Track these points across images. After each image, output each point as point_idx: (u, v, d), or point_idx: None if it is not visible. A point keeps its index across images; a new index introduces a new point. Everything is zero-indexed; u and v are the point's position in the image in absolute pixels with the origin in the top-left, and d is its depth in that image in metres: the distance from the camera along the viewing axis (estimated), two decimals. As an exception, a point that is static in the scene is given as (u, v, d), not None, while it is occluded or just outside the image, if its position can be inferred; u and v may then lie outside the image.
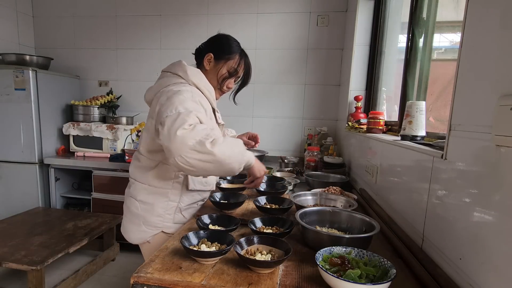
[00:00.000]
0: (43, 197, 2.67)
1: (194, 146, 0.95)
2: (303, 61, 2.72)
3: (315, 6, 2.64)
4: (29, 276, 1.74)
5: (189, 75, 1.20)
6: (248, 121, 2.87)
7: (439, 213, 0.80)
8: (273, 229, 1.01)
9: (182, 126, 0.97)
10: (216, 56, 1.26)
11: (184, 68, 1.21)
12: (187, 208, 1.27)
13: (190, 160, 0.96)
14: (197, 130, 0.98)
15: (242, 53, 1.30)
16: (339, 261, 0.73)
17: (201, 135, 0.97)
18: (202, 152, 0.96)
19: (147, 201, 1.21)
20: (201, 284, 0.72)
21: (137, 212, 1.22)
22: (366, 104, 2.23)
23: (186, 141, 0.95)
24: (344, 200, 1.23)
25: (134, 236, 1.25)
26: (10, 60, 2.60)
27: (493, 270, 0.58)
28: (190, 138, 0.96)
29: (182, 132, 0.96)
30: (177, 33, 2.85)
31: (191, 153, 0.95)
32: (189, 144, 0.95)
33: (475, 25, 0.71)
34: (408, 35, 1.53)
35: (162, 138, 1.00)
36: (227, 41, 1.29)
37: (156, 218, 1.21)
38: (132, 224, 1.24)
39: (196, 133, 0.97)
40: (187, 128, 0.97)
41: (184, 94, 1.09)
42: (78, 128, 2.72)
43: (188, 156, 0.95)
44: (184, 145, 0.95)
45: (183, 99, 1.07)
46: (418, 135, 1.14)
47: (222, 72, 1.27)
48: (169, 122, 0.99)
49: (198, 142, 0.96)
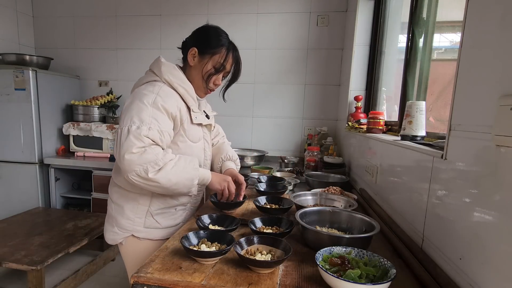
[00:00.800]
0: (43, 197, 2.67)
1: (140, 172, 0.98)
2: (303, 61, 2.72)
3: (315, 6, 2.64)
4: (29, 276, 1.74)
5: (162, 72, 1.14)
6: (248, 121, 2.87)
7: (439, 213, 0.80)
8: (273, 229, 1.01)
9: (130, 150, 0.98)
10: (201, 50, 1.17)
11: (159, 64, 1.16)
12: (160, 213, 1.20)
13: (137, 182, 1.01)
14: (145, 156, 0.99)
15: (230, 46, 1.20)
16: (339, 261, 0.73)
17: (148, 161, 0.99)
18: (147, 179, 1.00)
19: (119, 203, 1.19)
20: (201, 284, 0.72)
21: (111, 212, 1.22)
22: (366, 104, 2.23)
23: (132, 167, 0.98)
24: (344, 200, 1.23)
25: (108, 236, 1.23)
26: (10, 60, 2.60)
27: (493, 270, 0.58)
28: (136, 164, 0.98)
29: (130, 156, 0.98)
30: (177, 33, 2.84)
31: (136, 178, 1.00)
32: (135, 170, 0.98)
33: (475, 25, 0.71)
34: (408, 35, 1.53)
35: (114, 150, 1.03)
36: (212, 34, 1.19)
37: (125, 221, 1.18)
38: (108, 224, 1.24)
39: (143, 160, 0.98)
40: (135, 152, 0.98)
41: (145, 100, 1.05)
42: (78, 128, 2.72)
43: (134, 179, 1.00)
44: (131, 170, 0.99)
45: (141, 108, 1.04)
46: (418, 135, 1.14)
47: (207, 68, 1.18)
48: (121, 139, 1.01)
49: (144, 169, 0.98)
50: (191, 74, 1.20)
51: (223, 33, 1.21)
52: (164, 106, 1.07)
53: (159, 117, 1.06)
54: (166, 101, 1.08)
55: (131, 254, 1.21)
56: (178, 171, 1.04)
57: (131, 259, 1.22)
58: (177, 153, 1.14)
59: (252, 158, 2.39)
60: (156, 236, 1.20)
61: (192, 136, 1.20)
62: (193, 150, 1.21)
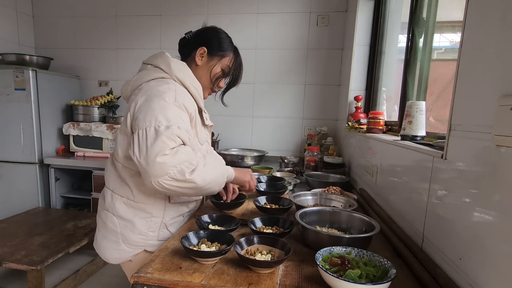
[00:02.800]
0: (43, 197, 2.67)
1: (175, 175, 0.89)
2: (303, 61, 2.72)
3: (315, 6, 2.64)
4: (29, 276, 1.74)
5: (173, 69, 1.05)
6: (248, 121, 2.87)
7: (439, 213, 0.80)
8: (273, 229, 1.01)
9: (163, 151, 0.88)
10: (210, 51, 1.13)
11: (167, 61, 1.07)
12: (172, 222, 1.13)
13: (168, 186, 0.90)
14: (179, 156, 0.89)
15: (236, 51, 1.19)
16: (339, 261, 0.73)
17: (183, 162, 0.90)
18: (182, 181, 0.90)
19: (127, 217, 1.06)
20: (201, 284, 0.72)
21: (114, 229, 1.06)
22: (366, 104, 2.23)
23: (166, 170, 0.88)
24: (344, 200, 1.23)
25: (111, 255, 1.09)
26: (10, 60, 2.60)
27: (493, 270, 0.58)
28: (170, 166, 0.88)
29: (163, 159, 0.87)
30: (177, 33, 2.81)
31: (170, 181, 0.89)
32: (169, 173, 0.88)
33: (475, 25, 0.71)
34: (408, 35, 1.53)
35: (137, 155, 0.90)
36: (222, 36, 1.17)
37: (137, 236, 1.07)
38: (109, 242, 1.08)
39: (178, 160, 0.89)
40: (168, 154, 0.88)
41: (167, 98, 0.96)
42: (78, 128, 2.72)
43: (166, 183, 0.89)
44: (163, 173, 0.88)
45: (164, 106, 0.94)
46: (418, 135, 1.14)
47: (216, 70, 1.15)
48: (148, 141, 0.89)
49: (179, 171, 0.89)
50: (197, 73, 1.14)
51: (229, 36, 1.19)
52: (185, 105, 1.01)
53: (183, 116, 0.98)
54: (185, 100, 1.02)
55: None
56: (210, 169, 0.97)
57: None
58: None
59: (252, 158, 2.39)
60: None
61: (201, 138, 1.15)
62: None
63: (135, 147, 0.92)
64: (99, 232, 1.14)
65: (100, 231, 1.13)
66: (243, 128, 2.88)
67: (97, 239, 1.14)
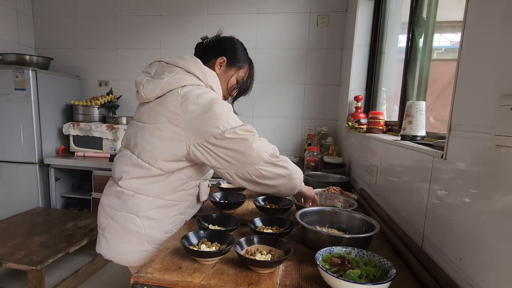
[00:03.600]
0: (43, 197, 2.67)
1: (269, 159, 0.98)
2: (303, 61, 2.72)
3: (315, 6, 2.64)
4: (29, 276, 1.74)
5: (208, 79, 1.07)
6: (248, 121, 2.87)
7: (439, 213, 0.80)
8: (273, 229, 1.01)
9: (256, 137, 0.97)
10: (229, 62, 1.17)
11: (203, 70, 1.07)
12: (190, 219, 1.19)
13: (265, 172, 0.98)
14: (266, 142, 0.99)
15: (251, 63, 1.26)
16: (339, 261, 0.73)
17: (271, 148, 0.99)
18: (277, 165, 0.99)
19: (154, 216, 1.04)
20: (201, 284, 0.72)
21: (138, 230, 1.03)
22: (366, 104, 2.23)
23: (262, 155, 0.97)
24: (344, 200, 1.23)
25: (133, 258, 1.05)
26: (10, 60, 2.59)
27: (493, 270, 0.58)
28: (265, 151, 0.98)
29: (257, 144, 0.97)
30: (177, 33, 2.85)
31: (267, 166, 0.98)
32: (264, 157, 0.97)
33: (475, 25, 0.71)
34: (408, 35, 1.53)
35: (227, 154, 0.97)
36: (241, 48, 1.22)
37: (164, 235, 1.06)
38: (130, 245, 1.04)
39: (268, 146, 0.99)
40: (260, 140, 0.98)
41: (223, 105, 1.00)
42: (78, 128, 2.72)
43: (263, 168, 0.98)
44: (260, 159, 0.97)
45: (226, 110, 0.99)
46: (418, 135, 1.14)
47: (233, 81, 1.20)
48: (239, 135, 0.96)
49: (272, 155, 0.98)
50: None
51: (246, 48, 1.25)
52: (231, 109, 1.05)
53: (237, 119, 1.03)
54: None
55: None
56: (289, 161, 1.05)
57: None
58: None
59: (252, 158, 2.38)
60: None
61: None
62: None
63: (223, 151, 0.97)
64: (112, 237, 1.06)
65: (115, 235, 1.06)
66: (243, 128, 2.88)
67: (111, 244, 1.07)
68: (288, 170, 1.03)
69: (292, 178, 1.05)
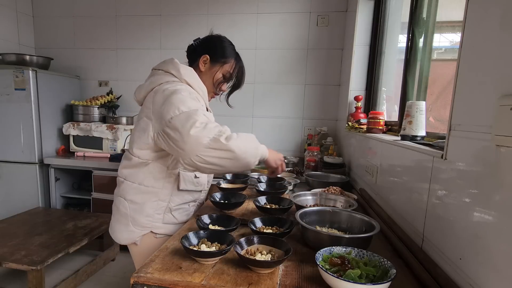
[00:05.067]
0: (43, 197, 2.67)
1: (209, 144, 0.97)
2: (303, 61, 2.72)
3: (315, 6, 2.64)
4: (29, 276, 1.74)
5: (182, 74, 1.17)
6: (248, 121, 2.87)
7: (439, 213, 0.80)
8: (273, 229, 1.01)
9: (193, 125, 0.98)
10: (212, 58, 1.24)
11: (177, 67, 1.19)
12: (177, 208, 1.23)
13: (208, 158, 0.98)
14: (210, 127, 0.99)
15: (238, 57, 1.29)
16: (339, 261, 0.73)
17: (214, 132, 0.98)
18: (219, 149, 0.98)
19: (137, 200, 1.18)
20: (201, 284, 0.72)
21: (125, 211, 1.19)
22: (366, 104, 2.23)
23: (200, 140, 0.97)
24: (344, 200, 1.23)
25: (121, 236, 1.21)
26: (10, 60, 2.60)
27: (493, 270, 0.58)
28: (204, 136, 0.97)
29: (195, 131, 0.97)
30: (177, 33, 2.85)
31: (208, 151, 0.97)
32: (203, 143, 0.97)
33: (475, 25, 0.71)
34: (408, 35, 1.53)
35: (172, 141, 1.01)
36: (224, 44, 1.27)
37: (145, 218, 1.18)
38: (120, 224, 1.21)
39: (209, 131, 0.98)
40: (199, 127, 0.98)
41: (182, 93, 1.07)
42: (78, 128, 2.72)
43: (204, 154, 0.97)
44: (199, 145, 0.97)
45: (182, 98, 1.05)
46: (418, 135, 1.14)
47: (218, 76, 1.26)
48: (178, 123, 0.99)
49: (213, 139, 0.97)
50: (201, 78, 1.24)
51: (231, 44, 1.29)
52: (198, 99, 1.13)
53: (199, 107, 1.07)
54: (197, 96, 1.15)
55: (145, 253, 1.20)
56: (243, 139, 1.03)
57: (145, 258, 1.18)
58: None
59: (252, 158, 2.38)
60: (173, 231, 1.20)
61: None
62: None
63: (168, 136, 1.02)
64: (113, 217, 1.25)
65: (114, 216, 1.24)
66: (243, 128, 2.88)
67: (111, 225, 1.26)
68: (233, 153, 0.99)
69: (240, 159, 1.02)
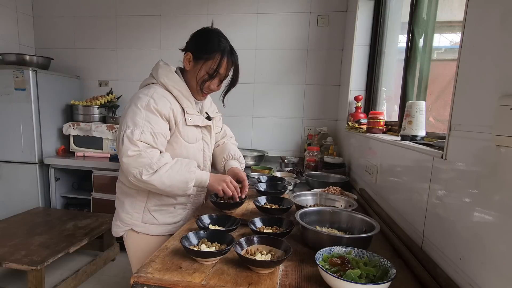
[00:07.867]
0: (43, 197, 2.67)
1: (136, 175, 1.06)
2: (303, 61, 2.72)
3: (315, 6, 2.64)
4: (29, 276, 1.74)
5: (159, 75, 1.19)
6: (248, 121, 2.87)
7: (439, 213, 0.80)
8: (273, 229, 1.01)
9: (126, 153, 1.05)
10: (195, 55, 1.17)
11: (156, 68, 1.22)
12: (157, 209, 1.25)
13: (135, 183, 1.10)
14: (140, 160, 1.06)
15: (226, 51, 1.15)
16: (339, 261, 0.73)
17: (143, 165, 1.05)
18: (142, 182, 1.07)
19: (121, 198, 1.27)
20: (201, 284, 0.72)
21: (116, 207, 1.30)
22: (366, 104, 2.23)
23: (130, 170, 1.06)
24: (344, 200, 1.23)
25: (112, 228, 1.31)
26: (10, 60, 2.59)
27: (493, 270, 0.58)
28: (132, 167, 1.06)
29: (126, 160, 1.06)
30: (177, 33, 2.85)
31: (134, 180, 1.08)
32: (132, 172, 1.06)
33: (475, 25, 0.71)
34: (408, 35, 1.53)
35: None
36: (207, 39, 1.16)
37: (125, 215, 1.25)
38: (113, 218, 1.32)
39: (138, 163, 1.06)
40: (131, 156, 1.06)
41: (139, 103, 1.11)
42: (78, 128, 2.72)
43: (132, 180, 1.09)
44: (129, 172, 1.07)
45: (135, 112, 1.10)
46: (418, 135, 1.14)
47: (201, 74, 1.17)
48: (119, 144, 1.08)
49: (140, 172, 1.05)
50: (187, 77, 1.23)
51: (219, 37, 1.17)
52: (156, 108, 1.12)
53: (152, 119, 1.11)
54: (158, 103, 1.12)
55: (132, 247, 1.28)
56: (172, 174, 1.09)
57: (133, 252, 1.29)
58: (173, 153, 1.18)
59: (252, 158, 2.39)
60: (154, 232, 1.25)
61: (188, 137, 1.23)
62: (189, 151, 1.24)
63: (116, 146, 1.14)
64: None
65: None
66: (243, 128, 2.88)
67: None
68: (156, 187, 1.09)
69: (165, 192, 1.13)
